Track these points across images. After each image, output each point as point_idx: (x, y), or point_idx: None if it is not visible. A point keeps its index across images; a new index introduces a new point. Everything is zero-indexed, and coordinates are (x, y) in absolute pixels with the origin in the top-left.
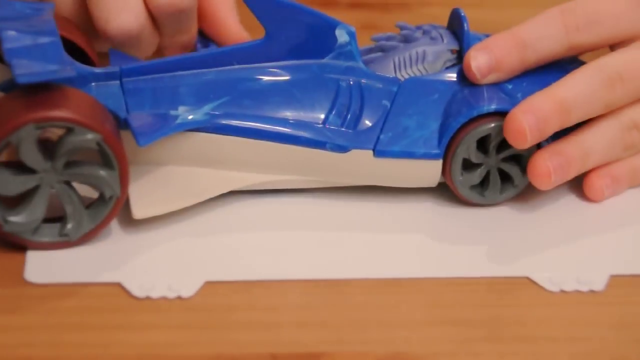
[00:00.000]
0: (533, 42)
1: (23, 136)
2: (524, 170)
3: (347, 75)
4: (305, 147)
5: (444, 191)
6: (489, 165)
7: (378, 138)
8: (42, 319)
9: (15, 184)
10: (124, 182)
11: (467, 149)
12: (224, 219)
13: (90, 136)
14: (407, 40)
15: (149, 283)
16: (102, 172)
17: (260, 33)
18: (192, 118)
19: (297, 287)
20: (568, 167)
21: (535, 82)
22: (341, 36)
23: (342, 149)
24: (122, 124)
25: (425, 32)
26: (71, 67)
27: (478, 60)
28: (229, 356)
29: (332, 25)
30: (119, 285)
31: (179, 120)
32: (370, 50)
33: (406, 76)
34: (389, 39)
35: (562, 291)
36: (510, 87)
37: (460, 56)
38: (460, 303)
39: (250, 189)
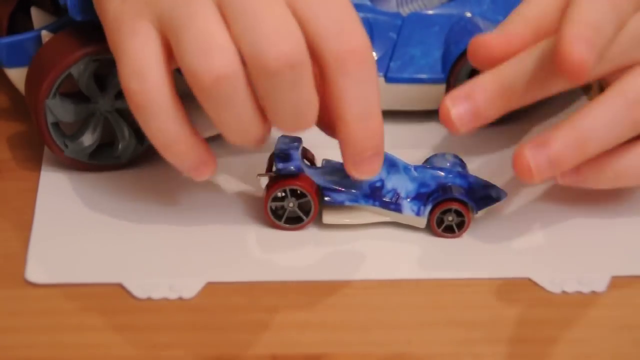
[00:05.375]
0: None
1: (82, 67)
2: None
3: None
4: None
5: None
6: None
7: (388, 66)
8: (43, 319)
9: (75, 112)
10: None
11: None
12: (224, 220)
13: None
14: None
15: (150, 284)
16: None
17: None
18: None
19: (297, 288)
20: (557, 160)
21: None
22: None
23: None
24: None
25: None
26: None
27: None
28: (230, 357)
29: None
30: (120, 285)
31: None
32: None
33: (407, 11)
34: None
35: (564, 292)
36: (500, 18)
37: None
38: (461, 304)
39: None
